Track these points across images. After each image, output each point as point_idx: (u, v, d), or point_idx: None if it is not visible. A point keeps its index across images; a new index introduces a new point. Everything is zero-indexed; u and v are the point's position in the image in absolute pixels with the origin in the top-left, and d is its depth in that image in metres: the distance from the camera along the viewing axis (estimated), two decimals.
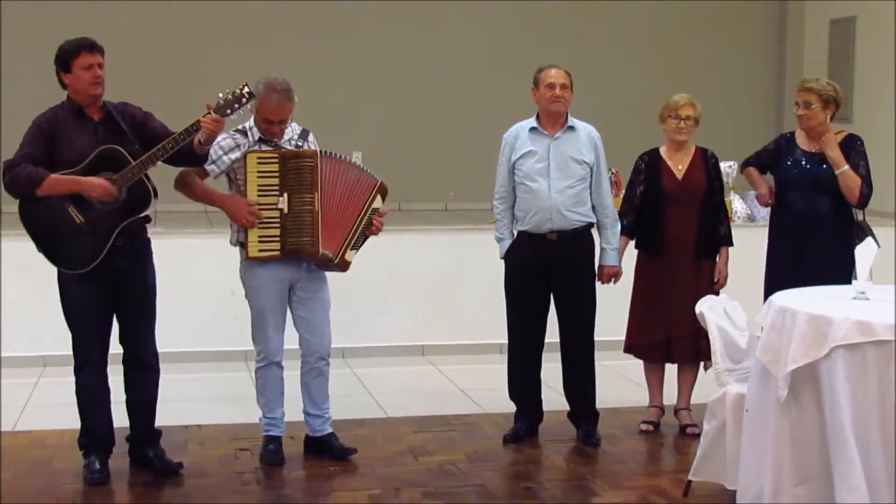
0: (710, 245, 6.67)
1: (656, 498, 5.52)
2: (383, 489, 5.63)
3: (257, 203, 5.82)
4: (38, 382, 7.87)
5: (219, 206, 5.93)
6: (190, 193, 5.97)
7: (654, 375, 6.81)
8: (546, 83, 6.36)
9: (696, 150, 6.71)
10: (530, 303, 6.49)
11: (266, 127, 5.88)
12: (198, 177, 5.91)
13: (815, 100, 6.28)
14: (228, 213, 5.89)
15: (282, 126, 5.90)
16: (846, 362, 4.70)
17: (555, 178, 6.35)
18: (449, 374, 8.25)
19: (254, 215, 5.81)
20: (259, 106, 5.80)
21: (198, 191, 5.94)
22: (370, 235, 6.12)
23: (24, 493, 5.55)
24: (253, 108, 5.81)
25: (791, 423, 4.93)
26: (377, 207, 6.07)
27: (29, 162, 5.43)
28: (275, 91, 5.80)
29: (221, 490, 5.62)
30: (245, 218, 5.82)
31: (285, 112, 5.87)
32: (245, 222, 5.83)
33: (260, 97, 5.75)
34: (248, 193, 5.85)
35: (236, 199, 5.87)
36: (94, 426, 5.73)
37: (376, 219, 6.08)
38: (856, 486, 4.67)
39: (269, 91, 5.80)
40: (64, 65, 5.53)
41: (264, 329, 5.99)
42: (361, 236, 6.05)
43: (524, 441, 6.47)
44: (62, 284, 5.64)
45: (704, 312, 5.42)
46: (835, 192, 6.30)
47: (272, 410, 6.06)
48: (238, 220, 5.86)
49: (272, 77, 5.85)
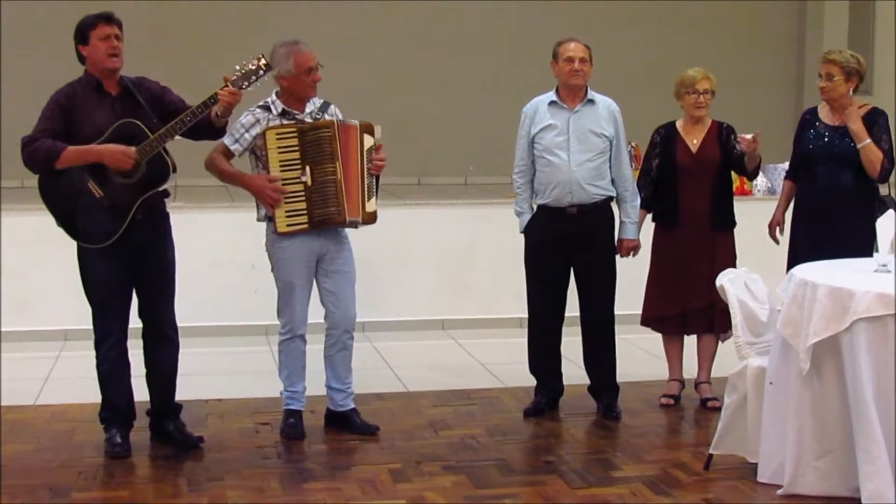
0: (725, 217, 6.65)
1: (677, 471, 5.50)
2: (403, 463, 5.63)
3: (280, 179, 5.83)
4: (59, 356, 7.90)
5: (244, 186, 5.95)
6: (220, 176, 6.00)
7: (673, 349, 6.80)
8: (565, 57, 6.33)
9: (712, 124, 6.67)
10: (550, 276, 6.48)
11: (310, 81, 5.86)
12: (224, 157, 5.92)
13: (838, 72, 6.23)
14: (255, 194, 5.91)
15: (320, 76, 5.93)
16: (868, 335, 4.69)
17: (574, 151, 6.33)
18: (469, 348, 8.25)
19: (278, 192, 5.82)
20: (296, 63, 5.83)
21: (225, 173, 5.95)
22: (377, 175, 6.07)
23: (45, 466, 5.58)
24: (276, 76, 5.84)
25: (812, 397, 4.92)
26: (370, 147, 6.02)
27: (47, 137, 5.44)
28: (297, 42, 5.90)
29: (242, 463, 5.63)
30: (269, 197, 5.83)
31: (315, 57, 5.91)
32: (269, 202, 5.84)
33: (291, 54, 5.83)
34: (271, 169, 5.85)
35: (258, 179, 5.87)
36: (115, 400, 5.75)
37: (375, 158, 6.03)
38: (878, 458, 4.67)
39: (292, 44, 5.89)
40: (82, 37, 5.52)
41: (291, 301, 5.99)
42: (372, 183, 6.03)
43: (544, 415, 6.47)
44: (82, 259, 5.65)
45: (725, 286, 5.40)
46: (857, 165, 6.25)
47: (294, 384, 6.06)
48: (263, 200, 5.87)
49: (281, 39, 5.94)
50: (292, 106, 5.95)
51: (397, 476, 5.45)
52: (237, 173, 5.96)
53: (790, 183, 6.63)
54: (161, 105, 5.65)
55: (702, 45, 12.00)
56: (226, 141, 5.86)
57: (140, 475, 5.55)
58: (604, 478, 5.45)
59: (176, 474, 5.51)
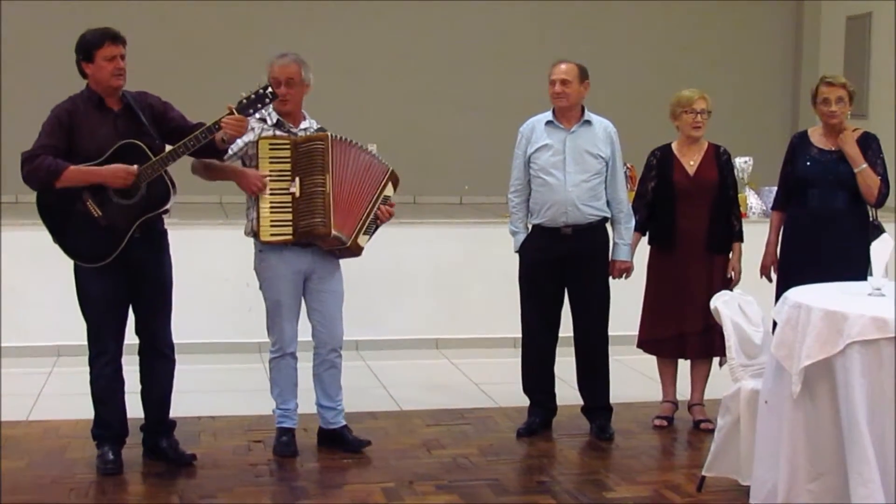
0: (723, 241, 6.65)
1: (670, 493, 5.51)
2: (396, 482, 5.62)
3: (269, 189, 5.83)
4: (51, 372, 7.89)
5: (231, 177, 5.92)
6: (206, 173, 5.97)
7: (667, 371, 6.81)
8: (550, 79, 6.37)
9: (708, 146, 6.69)
10: (544, 296, 6.48)
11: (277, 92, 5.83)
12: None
13: (846, 96, 6.27)
14: (239, 182, 5.88)
15: (290, 90, 5.90)
16: (862, 358, 4.68)
17: (570, 171, 6.34)
18: (463, 367, 8.25)
19: (262, 183, 5.81)
20: (269, 71, 5.89)
21: (213, 168, 5.93)
22: (381, 223, 6.11)
23: (37, 483, 5.57)
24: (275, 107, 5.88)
25: (806, 419, 4.91)
26: (388, 195, 6.07)
27: (48, 153, 5.41)
28: (282, 55, 5.96)
29: (234, 481, 5.63)
30: (255, 184, 5.82)
31: (291, 70, 5.91)
32: (254, 189, 5.82)
33: (270, 63, 5.91)
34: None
35: (248, 170, 5.88)
36: (108, 416, 5.74)
37: (386, 207, 6.07)
38: (870, 481, 4.65)
39: (278, 56, 5.97)
40: (87, 54, 5.50)
41: (279, 320, 5.99)
42: (373, 223, 6.05)
43: (538, 435, 6.47)
44: (79, 275, 5.64)
45: (719, 308, 5.41)
46: (852, 189, 6.27)
47: (286, 402, 6.06)
48: (248, 187, 5.85)
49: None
50: (287, 119, 5.96)
51: (390, 495, 5.44)
52: (223, 166, 5.92)
53: (778, 213, 6.60)
54: (162, 121, 5.65)
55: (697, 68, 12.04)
56: None
57: (132, 492, 5.53)
58: (597, 499, 5.45)
59: (168, 491, 5.50)
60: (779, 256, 6.55)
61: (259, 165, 5.85)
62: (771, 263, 6.60)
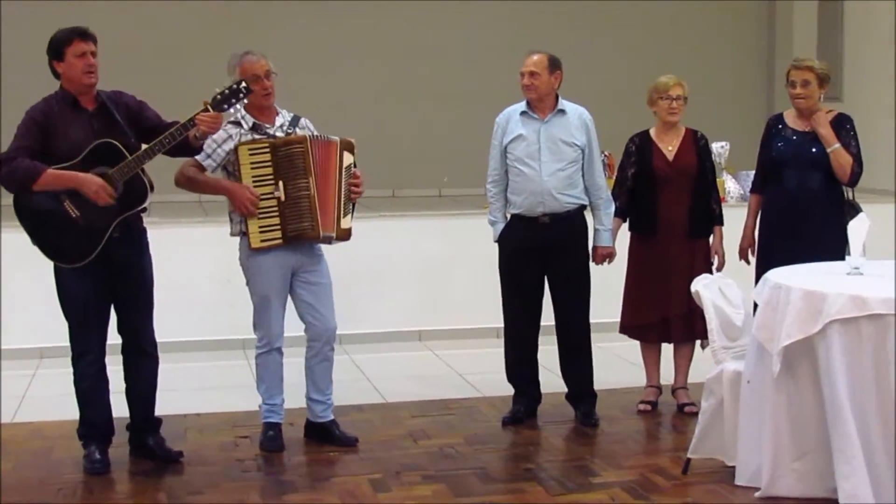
0: (703, 225, 6.69)
1: (656, 476, 5.54)
2: (383, 473, 5.64)
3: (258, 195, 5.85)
4: (35, 374, 7.88)
5: (223, 192, 5.94)
6: (194, 188, 6.02)
7: (650, 356, 6.84)
8: (521, 71, 6.40)
9: (686, 132, 6.73)
10: (525, 285, 6.51)
11: (259, 89, 5.85)
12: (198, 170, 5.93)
13: (813, 78, 6.30)
14: (231, 199, 5.90)
15: (270, 82, 5.94)
16: (841, 337, 4.73)
17: (546, 161, 6.36)
18: (446, 358, 8.28)
19: (254, 205, 5.83)
20: (241, 71, 5.87)
21: (201, 183, 5.97)
22: (356, 198, 6.11)
23: (24, 484, 5.56)
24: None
25: (788, 399, 4.97)
26: (349, 164, 6.05)
27: (25, 155, 5.40)
28: (247, 52, 5.99)
29: (222, 477, 5.63)
30: (245, 206, 5.83)
31: (265, 64, 5.95)
32: (244, 210, 5.84)
33: (238, 64, 5.90)
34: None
35: (238, 186, 5.88)
36: (94, 416, 5.74)
37: (354, 182, 6.06)
38: (853, 457, 4.71)
39: (241, 55, 5.98)
40: (57, 53, 5.50)
41: (267, 315, 6.00)
42: (348, 201, 6.05)
43: (523, 423, 6.49)
44: (59, 276, 5.62)
45: (700, 291, 5.44)
46: (826, 169, 6.30)
47: (272, 397, 6.07)
48: (238, 206, 5.87)
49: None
50: (261, 118, 5.98)
51: (378, 486, 5.46)
52: (214, 180, 5.97)
53: (756, 196, 6.63)
54: (138, 120, 5.64)
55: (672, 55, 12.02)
56: (198, 157, 5.85)
57: (120, 491, 5.53)
58: (583, 484, 5.48)
59: (156, 489, 5.51)
60: (757, 238, 6.58)
61: (241, 172, 5.86)
62: (749, 246, 6.63)
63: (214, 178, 5.97)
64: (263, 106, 5.98)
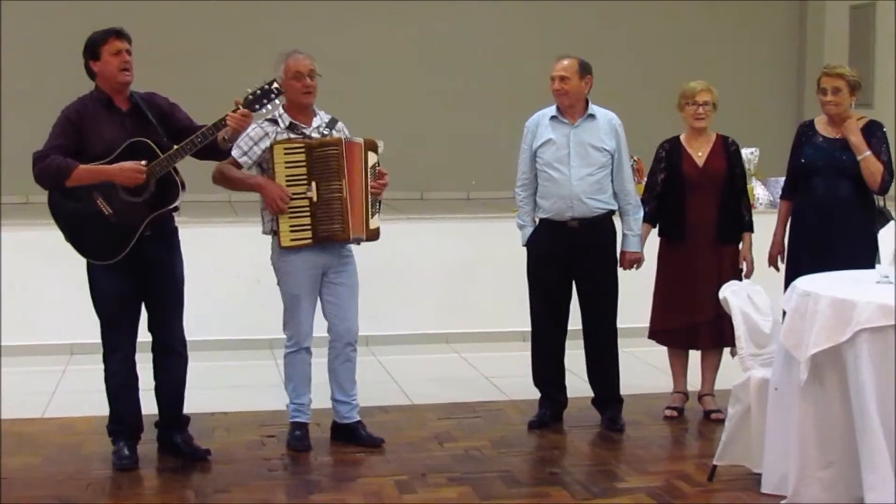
0: (732, 231, 6.67)
1: (681, 483, 5.53)
2: (409, 475, 5.66)
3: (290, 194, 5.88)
4: (65, 370, 7.93)
5: (255, 188, 5.97)
6: (229, 184, 6.05)
7: (677, 361, 6.83)
8: (551, 76, 6.41)
9: (716, 137, 6.72)
10: (553, 289, 6.51)
11: (300, 86, 5.90)
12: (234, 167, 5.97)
13: (844, 86, 6.27)
14: (262, 195, 5.93)
15: (314, 82, 5.96)
16: (870, 345, 4.71)
17: (575, 165, 6.37)
18: (473, 361, 8.28)
19: (284, 202, 5.86)
20: (286, 68, 5.91)
21: (235, 180, 5.99)
22: (380, 195, 6.13)
23: (53, 479, 5.62)
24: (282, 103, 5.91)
25: (816, 407, 4.95)
26: (374, 164, 6.07)
27: (59, 153, 5.47)
28: (294, 51, 6.01)
29: (248, 475, 5.67)
30: (275, 203, 5.86)
31: (310, 63, 5.97)
32: (274, 207, 5.87)
33: (283, 60, 5.93)
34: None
35: (270, 182, 5.91)
36: (123, 412, 5.79)
37: (381, 183, 6.08)
38: (882, 467, 4.69)
39: (288, 53, 6.00)
40: (93, 53, 5.56)
41: (297, 314, 6.03)
42: (375, 202, 6.08)
43: (549, 427, 6.49)
44: (91, 273, 5.69)
45: (728, 297, 5.44)
46: (856, 177, 6.28)
47: (299, 396, 6.10)
48: (269, 203, 5.90)
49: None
50: (298, 118, 6.00)
51: (403, 488, 5.48)
52: (248, 176, 5.99)
53: (786, 203, 6.61)
54: (170, 121, 5.69)
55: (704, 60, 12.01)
56: (234, 153, 5.88)
57: (148, 487, 5.59)
58: (608, 489, 5.49)
59: (183, 486, 5.55)
60: (787, 246, 6.57)
61: (275, 170, 5.89)
62: (778, 253, 6.62)
63: (248, 173, 6.00)
64: (303, 105, 6.00)
